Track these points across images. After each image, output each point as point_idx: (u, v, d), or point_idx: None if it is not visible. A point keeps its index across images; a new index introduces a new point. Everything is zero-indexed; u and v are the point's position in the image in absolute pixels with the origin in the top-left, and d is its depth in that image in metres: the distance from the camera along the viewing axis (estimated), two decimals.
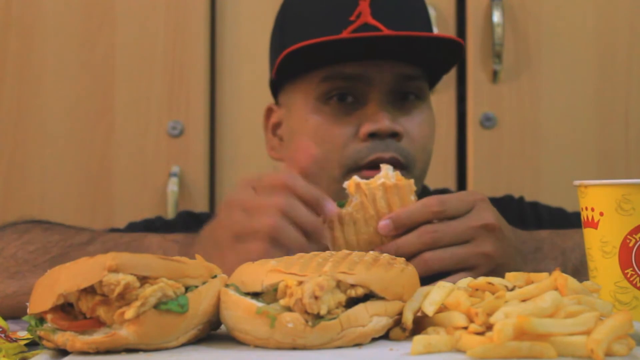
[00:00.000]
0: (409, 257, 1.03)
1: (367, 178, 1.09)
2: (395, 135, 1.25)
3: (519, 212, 1.50)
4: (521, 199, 1.57)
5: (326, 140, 1.27)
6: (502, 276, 0.88)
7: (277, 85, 1.40)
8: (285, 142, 1.39)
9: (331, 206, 1.05)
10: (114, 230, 1.49)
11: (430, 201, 1.06)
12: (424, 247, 1.05)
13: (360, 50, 1.26)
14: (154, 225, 1.48)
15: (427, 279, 0.93)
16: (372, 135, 1.24)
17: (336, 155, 1.26)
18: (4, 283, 1.16)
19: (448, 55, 1.31)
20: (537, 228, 1.31)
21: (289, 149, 1.37)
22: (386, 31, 1.25)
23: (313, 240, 1.03)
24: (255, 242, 1.00)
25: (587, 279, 0.91)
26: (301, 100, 1.32)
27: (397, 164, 1.22)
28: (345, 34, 1.25)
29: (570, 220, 1.43)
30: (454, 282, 0.85)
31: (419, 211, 1.06)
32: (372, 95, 1.27)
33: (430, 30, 1.37)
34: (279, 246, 0.99)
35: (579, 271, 1.15)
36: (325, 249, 1.04)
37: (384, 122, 1.23)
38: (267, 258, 0.85)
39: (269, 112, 1.45)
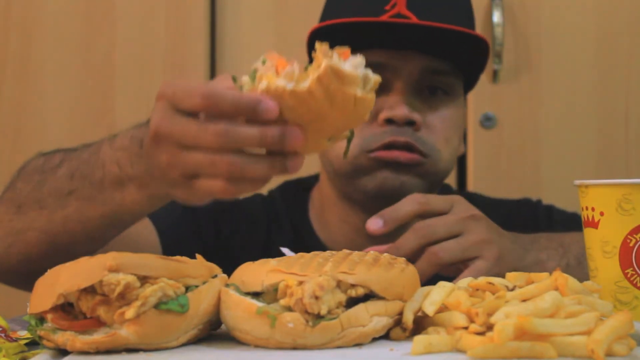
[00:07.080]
0: (413, 254, 1.05)
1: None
2: (412, 123, 1.27)
3: (532, 215, 1.50)
4: (538, 202, 1.56)
5: None
6: (513, 259, 0.88)
7: None
8: None
9: (272, 106, 0.78)
10: None
11: (414, 195, 1.11)
12: (423, 240, 1.06)
13: (385, 39, 1.27)
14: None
15: (430, 280, 0.93)
16: (389, 122, 1.27)
17: (355, 139, 1.26)
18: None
19: (475, 52, 1.31)
20: (548, 231, 1.30)
21: None
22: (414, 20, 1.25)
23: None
24: (213, 180, 0.83)
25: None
26: None
27: (412, 149, 1.26)
28: (370, 19, 1.25)
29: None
30: (477, 270, 0.87)
31: (406, 203, 1.09)
32: (397, 85, 1.28)
33: (469, 26, 1.34)
34: (240, 181, 0.82)
35: (582, 263, 1.15)
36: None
37: (401, 110, 1.26)
38: (229, 195, 0.79)
39: None
